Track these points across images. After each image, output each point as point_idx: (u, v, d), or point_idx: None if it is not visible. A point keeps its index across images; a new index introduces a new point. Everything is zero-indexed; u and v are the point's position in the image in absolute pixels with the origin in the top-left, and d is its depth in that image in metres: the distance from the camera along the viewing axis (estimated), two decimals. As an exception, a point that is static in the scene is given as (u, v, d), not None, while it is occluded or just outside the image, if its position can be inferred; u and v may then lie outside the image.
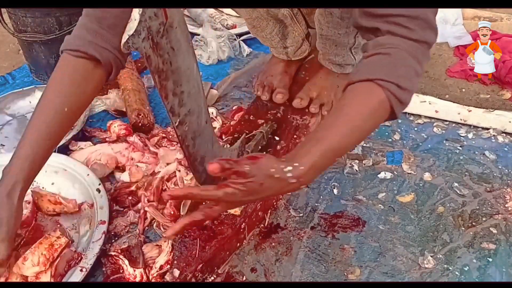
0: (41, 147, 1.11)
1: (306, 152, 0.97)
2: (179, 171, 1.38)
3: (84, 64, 1.16)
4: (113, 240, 1.27)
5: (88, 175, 1.38)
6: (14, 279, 1.13)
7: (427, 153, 1.57)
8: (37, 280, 1.13)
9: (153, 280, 1.17)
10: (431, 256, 1.23)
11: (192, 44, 0.99)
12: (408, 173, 1.49)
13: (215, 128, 1.59)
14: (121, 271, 1.18)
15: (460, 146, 1.60)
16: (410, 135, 1.66)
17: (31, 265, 1.12)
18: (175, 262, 1.12)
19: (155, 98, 1.83)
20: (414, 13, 1.02)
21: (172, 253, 1.18)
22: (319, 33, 1.56)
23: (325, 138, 0.98)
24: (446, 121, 1.71)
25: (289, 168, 0.94)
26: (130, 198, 1.39)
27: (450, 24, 2.12)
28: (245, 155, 1.02)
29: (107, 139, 1.60)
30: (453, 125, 1.70)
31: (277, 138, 1.49)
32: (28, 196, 1.34)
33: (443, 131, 1.67)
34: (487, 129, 1.66)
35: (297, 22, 1.64)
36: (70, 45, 1.17)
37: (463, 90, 1.74)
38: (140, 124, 1.61)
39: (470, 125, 1.68)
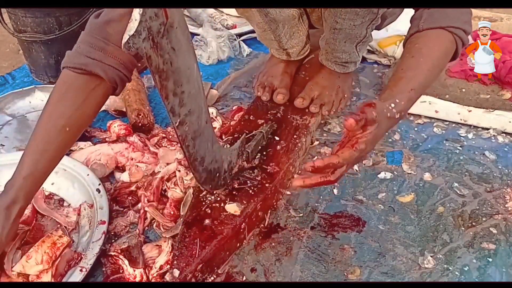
0: (42, 165, 1.12)
1: (403, 90, 1.13)
2: (179, 171, 1.38)
3: (88, 81, 1.15)
4: (113, 240, 1.27)
5: (88, 175, 1.38)
6: (15, 278, 1.13)
7: (427, 153, 1.57)
8: (38, 280, 1.13)
9: (153, 280, 1.17)
10: (431, 256, 1.23)
11: (192, 44, 0.99)
12: (408, 173, 1.49)
13: (215, 128, 1.59)
14: (121, 271, 1.18)
15: (460, 146, 1.60)
16: (410, 135, 1.66)
17: (35, 264, 1.12)
18: (175, 262, 1.12)
19: (155, 98, 1.84)
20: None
21: (172, 253, 1.18)
22: (333, 27, 1.53)
23: (414, 77, 1.15)
24: (446, 121, 1.71)
25: (393, 105, 1.08)
26: (130, 198, 1.39)
27: (450, 24, 2.12)
28: (360, 105, 1.14)
29: (107, 139, 1.60)
30: (453, 125, 1.70)
31: (277, 138, 1.49)
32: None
33: (443, 131, 1.67)
34: (487, 129, 1.66)
35: (302, 22, 1.64)
36: (73, 62, 1.14)
37: (463, 90, 1.74)
38: (140, 124, 1.61)
39: (470, 125, 1.68)
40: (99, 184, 1.36)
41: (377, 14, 1.43)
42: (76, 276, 1.13)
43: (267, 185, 1.31)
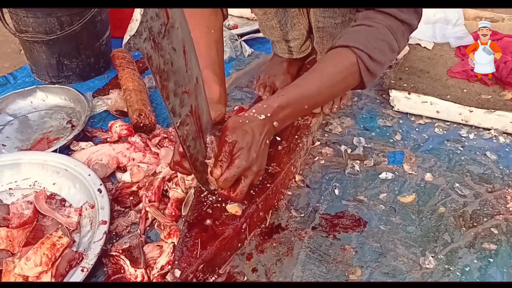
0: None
1: (277, 95, 1.21)
2: (180, 171, 1.38)
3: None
4: (114, 240, 1.27)
5: (89, 175, 1.38)
6: (15, 279, 1.13)
7: (428, 154, 1.57)
8: (38, 280, 1.13)
9: (154, 281, 1.17)
10: (432, 257, 1.23)
11: (193, 44, 0.99)
12: (409, 173, 1.49)
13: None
14: (122, 271, 1.18)
15: (461, 147, 1.60)
16: (411, 135, 1.66)
17: (33, 265, 1.12)
18: (176, 262, 1.12)
19: (156, 98, 1.84)
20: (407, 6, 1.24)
21: (173, 254, 1.18)
22: (316, 26, 1.57)
23: (296, 86, 1.22)
24: (448, 121, 1.71)
25: (254, 110, 1.17)
26: (131, 198, 1.40)
27: (452, 24, 2.12)
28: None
29: (108, 139, 1.60)
30: (455, 125, 1.70)
31: (278, 138, 1.49)
32: (30, 197, 1.34)
33: (445, 132, 1.67)
34: (489, 129, 1.66)
35: (302, 14, 1.65)
36: None
37: (465, 90, 1.74)
38: (141, 125, 1.61)
39: (471, 126, 1.68)
40: (101, 184, 1.36)
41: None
42: (77, 276, 1.13)
43: (268, 185, 1.31)
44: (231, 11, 2.51)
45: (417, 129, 1.69)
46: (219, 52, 1.41)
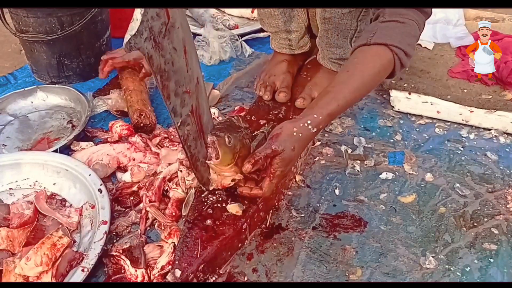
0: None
1: (325, 104, 1.20)
2: (181, 171, 1.38)
3: None
4: (114, 240, 1.27)
5: (89, 175, 1.38)
6: (15, 279, 1.13)
7: (428, 154, 1.57)
8: (39, 280, 1.13)
9: (154, 281, 1.17)
10: (433, 257, 1.23)
11: (194, 44, 0.99)
12: (409, 173, 1.49)
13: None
14: (122, 271, 1.18)
15: (462, 147, 1.60)
16: (412, 135, 1.66)
17: (34, 265, 1.12)
18: (177, 262, 1.12)
19: (157, 99, 1.84)
20: None
21: (173, 254, 1.18)
22: (322, 16, 1.57)
23: (340, 91, 1.22)
24: (448, 121, 1.71)
25: (309, 121, 1.18)
26: (131, 198, 1.40)
27: (452, 24, 2.12)
28: (269, 136, 1.20)
29: (108, 140, 1.60)
30: (455, 125, 1.70)
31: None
32: (31, 197, 1.34)
33: (445, 132, 1.67)
34: (489, 129, 1.66)
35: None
36: None
37: (465, 90, 1.74)
38: (141, 124, 1.61)
39: (471, 126, 1.68)
40: (101, 184, 1.36)
41: None
42: (78, 276, 1.13)
43: (268, 185, 1.31)
44: (232, 11, 2.51)
45: (417, 129, 1.69)
46: None
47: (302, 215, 1.35)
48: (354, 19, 1.54)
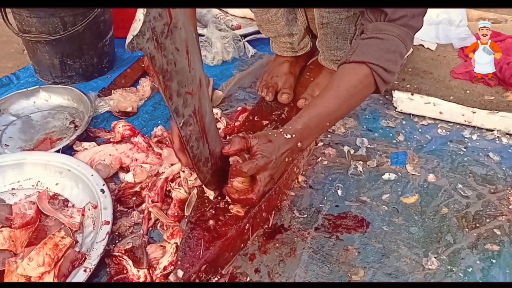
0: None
1: (299, 116, 1.25)
2: (183, 171, 1.38)
3: None
4: (117, 241, 1.27)
5: (92, 175, 1.38)
6: (17, 279, 1.13)
7: (431, 155, 1.57)
8: (41, 281, 1.13)
9: (157, 281, 1.17)
10: (435, 257, 1.23)
11: (197, 44, 0.99)
12: (412, 174, 1.49)
13: (219, 129, 1.59)
14: (125, 271, 1.19)
15: (464, 148, 1.60)
16: (414, 136, 1.65)
17: (36, 266, 1.12)
18: (179, 262, 1.12)
19: (157, 99, 1.84)
20: (417, 11, 1.27)
21: (176, 254, 1.18)
22: (320, 22, 1.57)
23: (316, 105, 1.25)
24: (450, 122, 1.71)
25: (281, 130, 1.22)
26: (134, 198, 1.40)
27: (455, 25, 2.12)
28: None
29: (111, 140, 1.60)
30: (457, 126, 1.70)
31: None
32: (33, 197, 1.35)
33: (447, 133, 1.67)
34: (491, 130, 1.66)
35: (299, 10, 1.65)
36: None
37: (468, 91, 1.74)
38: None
39: (474, 127, 1.68)
40: (103, 185, 1.36)
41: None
42: (80, 276, 1.13)
43: (271, 185, 1.31)
44: (235, 11, 2.51)
45: (420, 130, 1.68)
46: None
47: (305, 215, 1.35)
48: (352, 23, 1.54)
